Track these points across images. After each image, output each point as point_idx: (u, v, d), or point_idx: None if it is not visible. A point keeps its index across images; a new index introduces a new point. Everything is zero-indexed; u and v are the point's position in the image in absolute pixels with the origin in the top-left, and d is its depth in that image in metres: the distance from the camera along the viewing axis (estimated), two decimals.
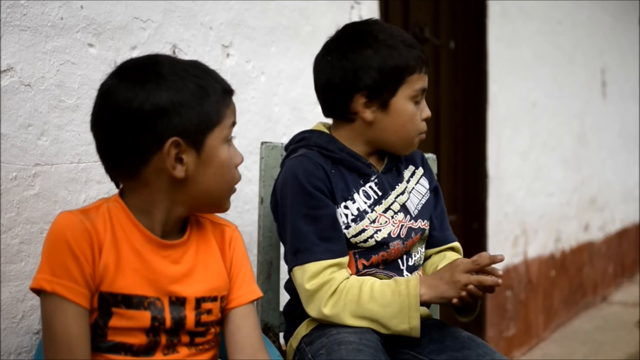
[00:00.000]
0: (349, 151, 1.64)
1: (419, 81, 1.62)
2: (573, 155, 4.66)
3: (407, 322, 1.52)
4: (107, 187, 1.67)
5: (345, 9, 2.55)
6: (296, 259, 1.56)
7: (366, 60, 1.58)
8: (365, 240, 1.61)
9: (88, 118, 1.63)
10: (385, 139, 1.64)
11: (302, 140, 1.68)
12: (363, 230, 1.61)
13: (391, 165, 1.70)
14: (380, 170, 1.68)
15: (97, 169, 1.66)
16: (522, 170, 3.97)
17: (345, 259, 1.57)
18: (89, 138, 1.63)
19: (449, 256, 1.72)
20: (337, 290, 1.53)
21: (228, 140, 1.34)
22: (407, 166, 1.74)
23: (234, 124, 1.36)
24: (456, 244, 1.78)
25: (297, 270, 1.56)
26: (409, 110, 1.62)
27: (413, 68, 1.60)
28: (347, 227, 1.60)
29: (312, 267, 1.54)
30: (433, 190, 1.77)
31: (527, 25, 4.02)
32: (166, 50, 1.85)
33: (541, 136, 4.20)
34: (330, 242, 1.56)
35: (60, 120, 1.58)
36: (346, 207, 1.61)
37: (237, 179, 1.38)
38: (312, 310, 1.55)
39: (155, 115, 1.25)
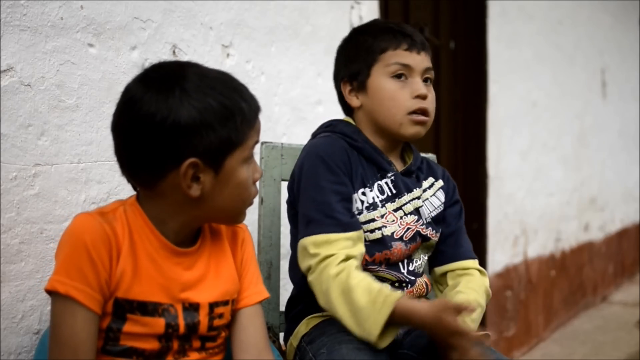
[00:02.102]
0: (372, 145, 1.66)
1: (395, 56, 1.65)
2: (573, 155, 4.66)
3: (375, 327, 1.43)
4: (107, 187, 1.68)
5: (345, 9, 2.55)
6: (306, 230, 1.54)
7: (345, 50, 1.71)
8: (373, 231, 1.60)
9: (88, 118, 1.65)
10: (376, 121, 1.66)
11: (329, 127, 1.70)
12: (373, 220, 1.61)
13: (411, 170, 1.70)
14: (400, 171, 1.68)
15: (97, 169, 1.66)
16: (522, 170, 3.97)
17: (356, 234, 1.54)
18: (89, 138, 1.64)
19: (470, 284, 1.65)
20: (345, 262, 1.49)
21: (248, 159, 1.32)
22: (427, 177, 1.74)
23: (256, 142, 1.33)
24: (475, 263, 1.72)
25: (306, 240, 1.53)
26: (387, 86, 1.64)
27: (385, 47, 1.65)
28: (360, 213, 1.60)
29: (320, 238, 1.52)
30: (456, 203, 1.77)
31: (527, 25, 4.02)
32: (166, 50, 1.85)
33: (541, 136, 4.20)
34: (342, 215, 1.54)
35: (60, 120, 1.58)
36: (363, 194, 1.62)
37: (254, 195, 1.36)
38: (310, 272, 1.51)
39: (176, 134, 1.22)
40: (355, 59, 1.67)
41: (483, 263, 3.54)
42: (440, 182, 1.76)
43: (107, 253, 1.24)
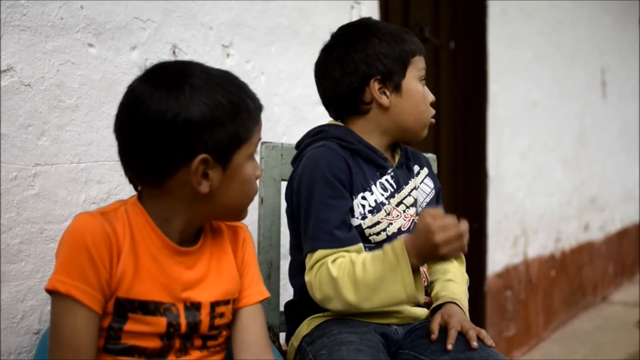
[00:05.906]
0: (366, 144, 1.66)
1: (421, 62, 1.69)
2: (573, 155, 4.66)
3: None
4: (107, 187, 1.68)
5: (345, 9, 2.55)
6: (308, 245, 1.56)
7: (374, 47, 1.65)
8: (378, 233, 1.62)
9: (88, 118, 1.65)
10: (401, 123, 1.67)
11: (320, 133, 1.69)
12: (378, 223, 1.62)
13: (402, 162, 1.73)
14: (395, 165, 1.70)
15: (97, 169, 1.66)
16: (522, 170, 3.97)
17: (353, 248, 1.55)
18: (89, 138, 1.64)
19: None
20: (339, 259, 1.53)
21: (252, 155, 1.33)
22: (414, 164, 1.77)
23: (259, 140, 1.35)
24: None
25: (308, 257, 1.56)
26: (420, 90, 1.68)
27: (414, 51, 1.68)
28: (364, 217, 1.61)
29: (319, 254, 1.54)
30: (438, 193, 1.79)
31: (527, 25, 4.02)
32: (166, 50, 1.85)
33: (541, 136, 4.20)
34: (340, 231, 1.55)
35: (60, 120, 1.58)
36: (364, 198, 1.62)
37: (256, 191, 1.38)
38: (316, 292, 1.54)
39: (187, 131, 1.23)
40: (388, 57, 1.65)
41: (483, 263, 3.54)
42: (426, 170, 1.79)
43: (108, 253, 1.24)
